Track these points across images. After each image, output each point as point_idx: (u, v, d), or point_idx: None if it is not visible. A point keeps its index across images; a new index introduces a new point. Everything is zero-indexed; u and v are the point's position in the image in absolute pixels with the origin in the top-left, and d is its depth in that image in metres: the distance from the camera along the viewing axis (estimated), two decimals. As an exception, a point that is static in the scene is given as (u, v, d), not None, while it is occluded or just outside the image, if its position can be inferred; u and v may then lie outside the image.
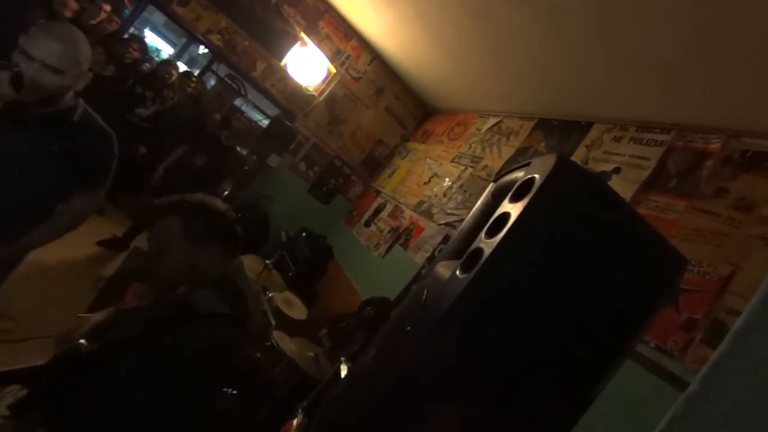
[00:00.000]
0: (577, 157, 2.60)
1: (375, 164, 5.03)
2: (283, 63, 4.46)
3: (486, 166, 3.30)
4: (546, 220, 0.57)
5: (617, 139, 2.47)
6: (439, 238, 3.15)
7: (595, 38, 2.05)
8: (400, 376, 0.57)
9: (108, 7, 3.32)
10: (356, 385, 0.81)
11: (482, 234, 0.63)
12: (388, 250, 3.68)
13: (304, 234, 4.41)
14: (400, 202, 4.04)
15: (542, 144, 3.01)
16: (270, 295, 2.97)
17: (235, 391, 2.05)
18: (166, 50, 7.99)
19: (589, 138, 2.65)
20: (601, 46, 2.08)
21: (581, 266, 0.57)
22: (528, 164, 0.71)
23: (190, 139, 3.48)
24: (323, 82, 4.63)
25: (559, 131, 2.94)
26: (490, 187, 0.93)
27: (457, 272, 0.59)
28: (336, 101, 4.75)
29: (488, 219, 0.69)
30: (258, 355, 2.45)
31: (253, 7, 4.26)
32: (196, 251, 1.10)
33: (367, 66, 4.73)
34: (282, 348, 2.45)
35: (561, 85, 2.68)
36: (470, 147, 3.66)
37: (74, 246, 3.09)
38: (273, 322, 2.70)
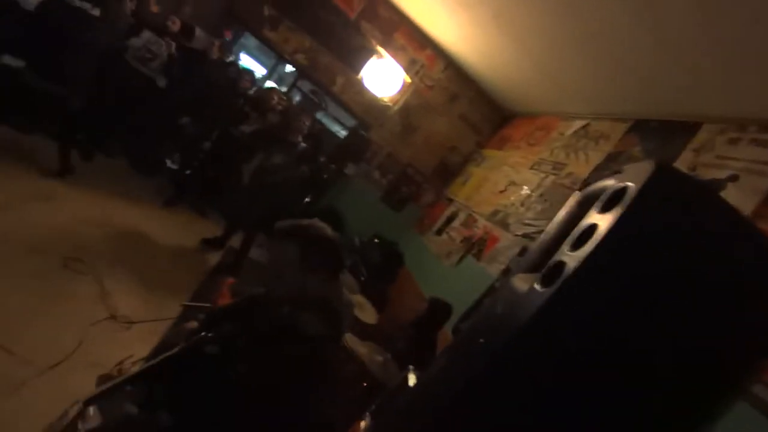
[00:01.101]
0: (682, 162, 2.27)
1: (448, 172, 4.97)
2: (359, 76, 4.67)
3: (570, 173, 3.06)
4: (641, 234, 0.51)
5: (733, 142, 2.11)
6: (516, 250, 2.98)
7: (701, 25, 1.78)
8: (468, 386, 0.56)
9: (217, 42, 3.86)
10: (424, 392, 0.81)
11: (565, 246, 0.59)
12: (460, 260, 3.59)
13: (376, 240, 4.52)
14: (473, 211, 3.93)
15: (637, 148, 2.70)
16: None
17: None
18: (259, 70, 8.88)
19: (698, 140, 2.31)
20: (708, 33, 1.80)
21: (684, 290, 0.50)
22: (621, 171, 0.65)
23: (272, 146, 3.80)
24: (398, 92, 4.74)
25: (659, 134, 2.61)
26: (576, 195, 0.86)
27: (537, 286, 0.56)
28: (410, 110, 4.82)
29: (573, 230, 0.65)
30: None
31: (334, 26, 4.55)
32: (308, 278, 1.23)
33: (440, 73, 4.73)
34: (353, 350, 2.53)
35: (661, 80, 2.38)
36: (552, 153, 3.43)
37: (183, 240, 3.59)
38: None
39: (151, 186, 3.98)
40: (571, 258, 0.55)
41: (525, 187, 3.42)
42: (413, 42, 4.63)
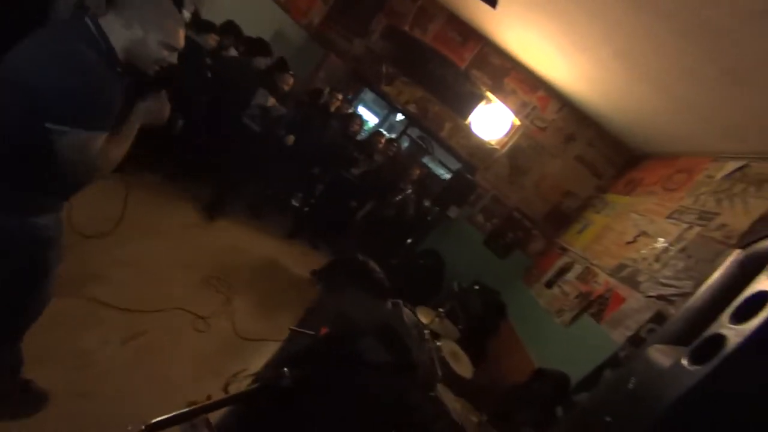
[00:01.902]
0: None
1: (562, 218, 4.55)
2: (467, 121, 4.75)
3: (723, 225, 2.50)
4: None
5: None
6: (648, 314, 2.50)
7: None
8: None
9: (340, 96, 4.39)
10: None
11: (725, 317, 0.47)
12: (574, 319, 3.16)
13: (476, 287, 4.30)
14: (592, 264, 3.47)
15: (828, 197, 2.09)
16: (439, 344, 2.98)
17: (398, 435, 2.08)
18: (372, 120, 9.76)
19: None
20: None
21: None
22: (807, 227, 0.51)
23: (382, 193, 4.05)
24: (506, 135, 4.65)
25: None
26: (736, 254, 0.70)
27: (684, 361, 0.45)
28: (519, 152, 4.65)
29: (733, 297, 0.52)
30: (422, 404, 2.43)
31: (445, 77, 4.79)
32: (355, 303, 1.21)
33: (555, 114, 4.50)
34: (446, 404, 2.37)
35: None
36: (697, 199, 2.87)
37: (300, 269, 3.97)
38: (440, 373, 2.67)
39: (276, 221, 4.57)
40: (732, 332, 0.44)
41: (661, 239, 2.90)
42: (524, 86, 4.55)
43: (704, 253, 2.46)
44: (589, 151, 4.46)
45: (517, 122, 4.60)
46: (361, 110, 9.24)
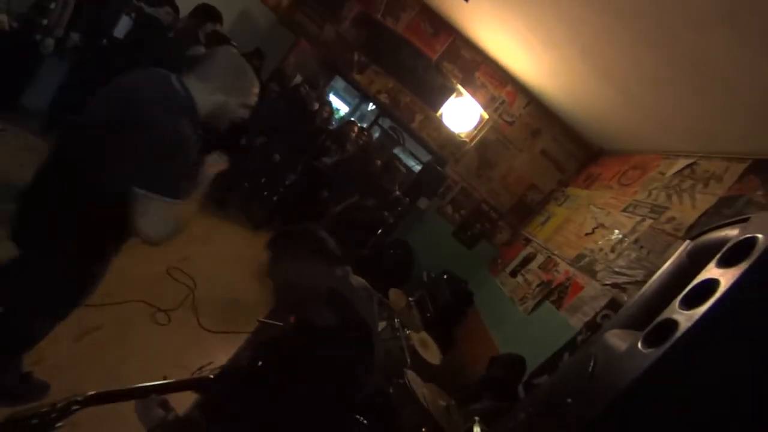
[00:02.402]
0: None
1: (526, 210, 4.73)
2: (439, 113, 4.79)
3: (672, 218, 2.70)
4: (781, 296, 0.42)
5: None
6: (604, 301, 2.67)
7: None
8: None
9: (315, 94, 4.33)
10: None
11: (676, 303, 0.51)
12: (536, 306, 3.32)
13: (445, 276, 4.40)
14: (554, 254, 3.64)
15: (759, 192, 2.29)
16: (408, 332, 3.03)
17: (365, 421, 2.11)
18: (343, 109, 9.62)
19: None
20: None
21: None
22: (745, 219, 0.55)
23: (359, 187, 4.02)
24: (475, 128, 4.74)
25: (792, 177, 2.20)
26: (686, 245, 0.76)
27: (639, 345, 0.49)
28: (487, 146, 4.76)
29: (683, 284, 0.56)
30: (390, 390, 2.48)
31: (416, 68, 4.79)
32: (297, 271, 1.15)
33: (522, 110, 4.63)
34: (415, 390, 2.43)
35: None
36: (650, 194, 3.07)
37: (262, 259, 3.88)
38: (408, 360, 2.73)
39: (242, 212, 4.43)
40: (684, 316, 0.47)
41: (616, 231, 3.09)
42: (494, 80, 4.64)
43: (655, 245, 2.64)
44: (554, 146, 4.63)
45: (486, 116, 4.69)
46: (333, 99, 9.08)
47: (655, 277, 0.77)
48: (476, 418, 2.05)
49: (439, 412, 2.39)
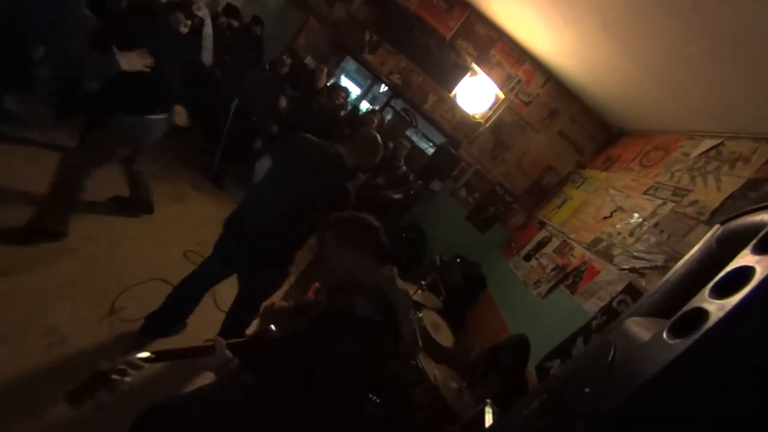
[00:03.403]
0: None
1: (542, 193, 4.63)
2: (452, 94, 4.67)
3: (695, 201, 2.59)
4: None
5: None
6: (621, 286, 2.61)
7: None
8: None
9: (325, 69, 4.29)
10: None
11: (706, 291, 0.48)
12: (549, 291, 3.28)
13: (458, 260, 4.38)
14: (569, 238, 3.57)
15: (794, 175, 2.18)
16: (421, 314, 3.05)
17: (378, 400, 2.15)
18: (355, 90, 9.49)
19: None
20: None
21: None
22: (787, 204, 0.51)
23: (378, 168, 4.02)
24: (490, 108, 4.61)
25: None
26: (714, 229, 0.71)
27: (664, 335, 0.46)
28: (502, 127, 4.64)
29: (711, 272, 0.53)
30: (402, 371, 2.51)
31: (428, 46, 4.64)
32: (354, 261, 1.24)
33: (539, 89, 4.47)
34: (427, 371, 2.46)
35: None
36: (672, 176, 2.95)
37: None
38: (420, 342, 2.75)
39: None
40: (715, 306, 0.45)
41: (636, 215, 3.00)
42: (510, 58, 4.48)
43: (676, 229, 2.55)
44: (572, 127, 4.48)
45: (501, 96, 4.55)
46: (344, 80, 8.95)
47: (680, 263, 0.73)
48: (487, 401, 2.06)
49: (450, 394, 2.41)
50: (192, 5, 3.27)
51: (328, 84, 4.69)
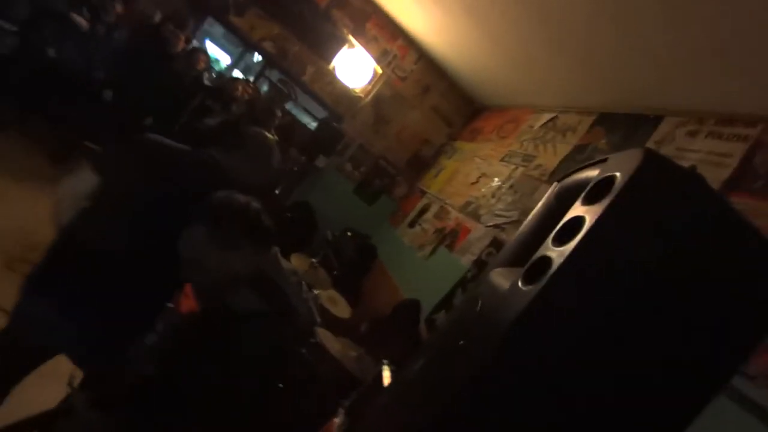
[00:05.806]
0: (645, 154, 2.35)
1: (421, 164, 4.95)
2: (331, 66, 4.53)
3: (539, 165, 3.11)
4: (633, 226, 0.48)
5: (692, 134, 2.20)
6: (487, 241, 3.01)
7: (666, 21, 1.83)
8: (458, 395, 0.51)
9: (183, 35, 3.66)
10: (404, 396, 0.76)
11: (549, 240, 0.56)
12: (433, 252, 3.59)
13: (348, 234, 4.44)
14: (446, 203, 3.93)
15: (603, 141, 2.77)
16: (316, 293, 3.02)
17: (281, 385, 2.08)
18: (225, 60, 8.47)
19: (659, 133, 2.39)
20: (672, 29, 1.85)
21: (677, 283, 0.47)
22: (604, 161, 0.62)
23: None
24: (369, 83, 4.64)
25: (624, 126, 2.68)
26: (554, 187, 0.84)
27: (519, 283, 0.52)
28: (382, 102, 4.74)
29: (553, 223, 0.61)
30: (303, 351, 2.48)
31: (302, 13, 4.37)
32: (227, 256, 1.04)
33: (413, 65, 4.67)
34: (327, 346, 2.47)
35: (625, 74, 2.44)
36: (522, 145, 3.47)
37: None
38: (318, 319, 2.73)
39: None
40: (556, 253, 0.52)
41: (496, 179, 3.45)
42: (385, 33, 4.54)
43: (526, 189, 3.03)
44: (442, 102, 4.84)
45: (379, 71, 4.62)
46: (210, 47, 7.88)
47: (529, 218, 0.84)
48: (384, 361, 2.18)
49: (352, 364, 2.49)
50: None
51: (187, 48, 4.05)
